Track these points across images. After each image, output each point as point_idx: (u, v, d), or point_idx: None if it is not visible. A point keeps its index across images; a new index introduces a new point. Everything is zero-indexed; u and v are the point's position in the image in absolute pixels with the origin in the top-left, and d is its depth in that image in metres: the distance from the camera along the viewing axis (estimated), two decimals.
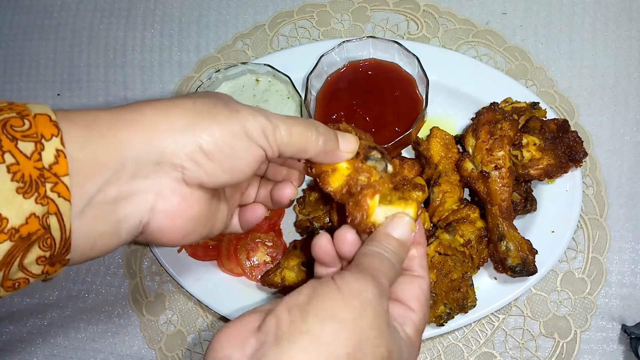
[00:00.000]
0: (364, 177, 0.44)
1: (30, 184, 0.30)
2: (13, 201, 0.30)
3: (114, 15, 0.86)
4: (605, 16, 0.76)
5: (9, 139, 0.30)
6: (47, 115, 0.32)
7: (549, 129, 0.65)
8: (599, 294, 0.67)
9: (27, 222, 0.30)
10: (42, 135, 0.31)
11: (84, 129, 0.33)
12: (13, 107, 0.32)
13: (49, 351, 0.73)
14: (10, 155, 0.30)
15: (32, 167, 0.31)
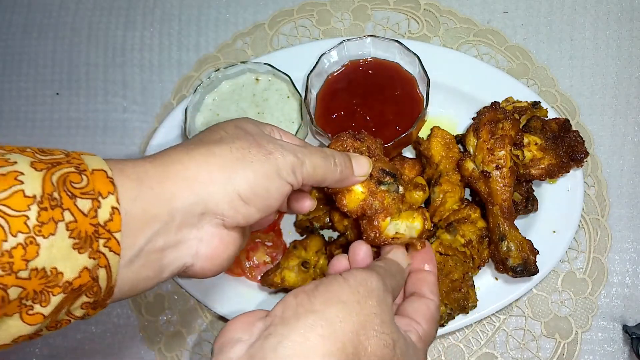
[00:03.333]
0: (378, 202, 0.48)
1: (85, 239, 0.32)
2: (69, 257, 0.31)
3: (113, 14, 0.85)
4: (607, 15, 0.76)
5: (69, 197, 0.31)
6: (103, 171, 0.34)
7: (550, 129, 0.65)
8: (600, 294, 0.67)
9: (79, 276, 0.32)
10: (99, 192, 0.33)
11: (136, 182, 0.35)
12: (71, 159, 0.33)
13: (48, 352, 0.73)
14: (70, 213, 0.31)
15: (88, 223, 0.32)
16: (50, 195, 0.31)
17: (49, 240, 0.30)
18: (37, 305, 0.31)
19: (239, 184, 0.38)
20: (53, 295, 0.31)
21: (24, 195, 0.30)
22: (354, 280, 0.38)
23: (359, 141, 0.50)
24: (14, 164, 0.31)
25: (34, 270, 0.30)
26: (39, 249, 0.30)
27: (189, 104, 0.68)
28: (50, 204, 0.31)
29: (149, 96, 0.81)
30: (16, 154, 0.32)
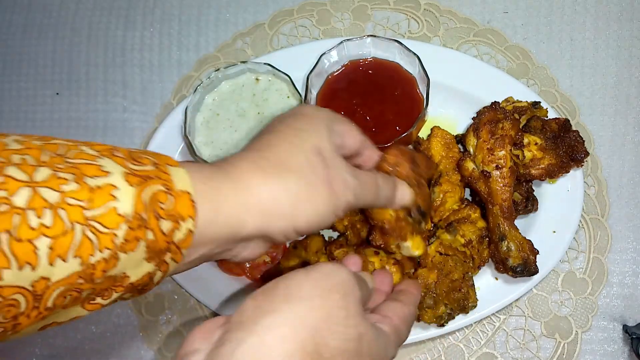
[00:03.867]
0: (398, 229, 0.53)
1: (156, 253, 0.34)
2: (139, 266, 0.34)
3: (113, 14, 0.85)
4: (607, 15, 0.76)
5: (155, 217, 0.33)
6: (188, 194, 0.35)
7: (551, 129, 0.65)
8: (601, 294, 0.67)
9: (141, 279, 0.35)
10: (180, 216, 0.34)
11: (212, 209, 0.36)
12: (160, 173, 0.34)
13: (48, 352, 0.73)
14: (152, 234, 0.33)
15: (164, 241, 0.34)
16: (140, 215, 0.32)
17: (128, 255, 0.32)
18: (99, 298, 0.34)
19: (300, 222, 0.40)
20: (115, 292, 0.34)
21: (116, 213, 0.32)
22: (317, 274, 0.36)
23: (413, 170, 0.54)
24: (108, 176, 0.32)
25: (109, 277, 0.32)
26: (117, 262, 0.32)
27: (189, 104, 0.68)
28: (138, 223, 0.32)
29: (149, 96, 0.81)
30: (108, 159, 0.33)
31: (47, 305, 0.31)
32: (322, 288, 0.35)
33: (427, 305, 0.59)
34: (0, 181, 0.29)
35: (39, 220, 0.29)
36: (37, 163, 0.31)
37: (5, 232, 0.28)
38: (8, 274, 0.28)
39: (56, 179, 0.31)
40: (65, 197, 0.30)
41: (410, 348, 0.67)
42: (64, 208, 0.30)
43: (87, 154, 0.33)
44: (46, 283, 0.30)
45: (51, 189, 0.30)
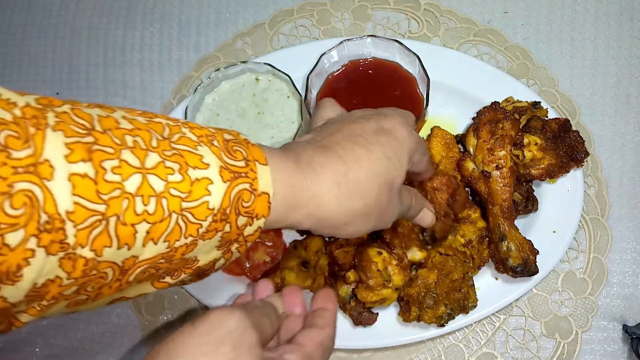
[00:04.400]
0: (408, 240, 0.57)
1: (226, 243, 0.36)
2: (209, 253, 0.36)
3: (113, 14, 0.85)
4: (607, 15, 0.76)
5: (235, 213, 0.35)
6: (267, 195, 0.37)
7: (551, 129, 0.65)
8: (601, 294, 0.67)
9: (207, 264, 0.37)
10: (256, 214, 0.36)
11: (284, 210, 0.38)
12: (248, 171, 0.36)
13: (49, 351, 0.73)
14: (229, 226, 0.35)
15: (235, 234, 0.36)
16: (225, 210, 0.35)
17: (205, 242, 0.35)
18: (168, 277, 0.36)
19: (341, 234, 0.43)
20: (184, 273, 0.36)
21: (207, 207, 0.34)
22: (203, 328, 0.34)
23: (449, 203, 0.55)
24: (207, 168, 0.34)
25: (184, 259, 0.35)
26: (195, 247, 0.34)
27: (189, 104, 0.68)
28: (221, 217, 0.35)
29: (148, 96, 0.81)
30: (207, 148, 0.35)
31: (128, 280, 0.33)
32: (210, 342, 0.33)
33: (428, 306, 0.59)
34: (116, 165, 0.31)
35: (144, 207, 0.31)
36: (147, 147, 0.33)
37: (114, 216, 0.30)
38: (107, 252, 0.31)
39: (164, 168, 0.33)
40: (170, 187, 0.32)
41: (410, 348, 0.67)
42: (167, 198, 0.32)
43: (189, 139, 0.35)
44: (134, 260, 0.32)
45: (159, 178, 0.32)
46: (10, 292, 0.28)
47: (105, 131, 0.32)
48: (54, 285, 0.30)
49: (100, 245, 0.30)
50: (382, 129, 0.45)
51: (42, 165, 0.28)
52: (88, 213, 0.29)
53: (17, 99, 0.29)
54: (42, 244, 0.28)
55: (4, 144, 0.27)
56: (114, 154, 0.31)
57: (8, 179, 0.27)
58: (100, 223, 0.30)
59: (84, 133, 0.30)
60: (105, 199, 0.30)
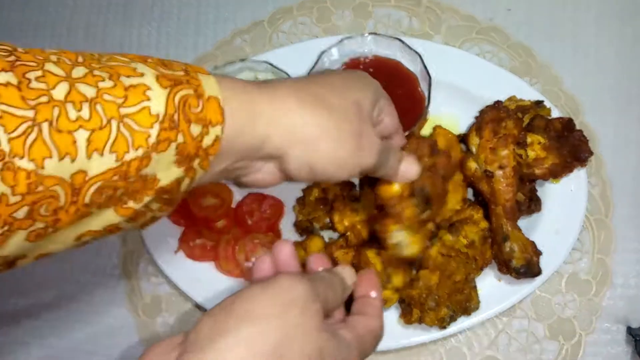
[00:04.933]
0: (400, 208, 0.51)
1: (185, 158, 0.35)
2: (168, 169, 0.35)
3: (111, 12, 0.85)
4: (610, 13, 0.76)
5: (185, 121, 0.34)
6: (217, 100, 0.35)
7: (554, 128, 0.64)
8: (604, 296, 0.66)
9: (170, 184, 0.35)
10: (210, 121, 0.35)
11: (242, 116, 0.37)
12: (190, 79, 0.35)
13: (43, 353, 0.72)
14: (182, 136, 0.34)
15: (193, 146, 0.35)
16: (171, 116, 0.33)
17: (160, 155, 0.33)
18: (131, 201, 0.35)
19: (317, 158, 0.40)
20: (147, 196, 0.35)
21: (149, 113, 0.32)
22: (273, 290, 0.36)
23: (432, 156, 0.53)
24: (142, 76, 0.33)
25: (141, 176, 0.33)
26: (150, 162, 0.33)
27: None
28: (170, 125, 0.33)
29: None
30: (140, 63, 0.34)
31: (84, 201, 0.32)
32: (279, 305, 0.35)
33: (429, 307, 0.58)
34: (39, 75, 0.30)
35: (78, 113, 0.30)
36: (73, 63, 0.32)
37: (46, 122, 0.29)
38: (49, 164, 0.29)
39: (92, 77, 0.32)
40: (102, 93, 0.31)
41: (411, 350, 0.66)
42: (101, 103, 0.31)
43: (120, 59, 0.34)
44: (84, 177, 0.31)
45: (88, 85, 0.31)
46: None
47: (28, 52, 0.31)
48: (2, 205, 0.29)
49: (39, 155, 0.29)
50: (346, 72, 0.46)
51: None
52: (17, 120, 0.28)
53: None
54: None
55: None
56: (36, 67, 0.30)
57: None
58: (32, 129, 0.29)
59: (5, 55, 0.30)
60: (33, 104, 0.29)
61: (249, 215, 0.69)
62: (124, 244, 0.74)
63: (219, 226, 0.69)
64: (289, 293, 0.36)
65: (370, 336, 0.42)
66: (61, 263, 0.75)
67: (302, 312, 0.35)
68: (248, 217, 0.69)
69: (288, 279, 0.37)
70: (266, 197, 0.69)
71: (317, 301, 0.37)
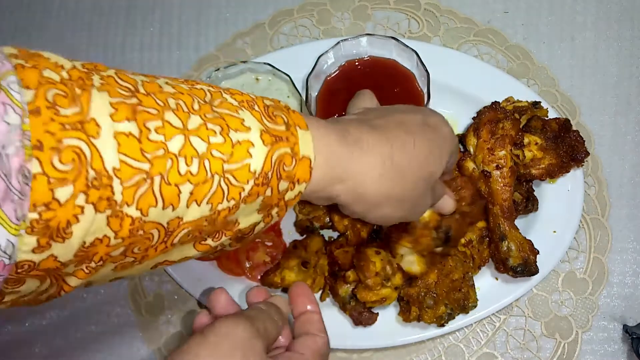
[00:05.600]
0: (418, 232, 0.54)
1: (266, 207, 0.37)
2: (250, 215, 0.37)
3: (113, 13, 0.85)
4: (607, 15, 0.76)
5: (277, 178, 0.36)
6: (308, 160, 0.37)
7: (551, 129, 0.65)
8: (601, 294, 0.67)
9: (248, 227, 0.38)
10: (297, 179, 0.37)
11: (326, 181, 0.39)
12: (289, 135, 0.37)
13: (48, 351, 0.73)
14: (270, 190, 0.36)
15: (276, 198, 0.37)
16: (266, 174, 0.35)
17: (247, 205, 0.35)
18: (209, 239, 0.36)
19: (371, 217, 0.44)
20: (225, 236, 0.37)
21: (248, 170, 0.34)
22: (215, 337, 0.36)
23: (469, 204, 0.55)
24: (248, 132, 0.35)
25: (225, 221, 0.35)
26: (237, 210, 0.35)
27: None
28: (262, 181, 0.35)
29: None
30: (248, 112, 0.36)
31: (173, 242, 0.34)
32: (221, 355, 0.36)
33: (428, 305, 0.59)
34: (159, 125, 0.31)
35: (187, 168, 0.32)
36: (189, 110, 0.33)
37: (159, 175, 0.31)
38: (153, 212, 0.31)
39: (205, 130, 0.33)
40: (212, 148, 0.33)
41: (410, 348, 0.67)
42: (209, 159, 0.33)
43: (230, 104, 0.35)
44: (178, 222, 0.33)
45: (201, 139, 0.32)
46: (60, 250, 0.29)
47: (149, 94, 0.32)
48: (102, 245, 0.30)
49: (146, 205, 0.30)
50: (427, 123, 0.46)
51: (88, 123, 0.28)
52: (133, 171, 0.30)
53: (64, 63, 0.31)
54: (91, 200, 0.28)
55: (52, 101, 0.28)
56: (157, 115, 0.31)
57: (56, 134, 0.27)
58: (145, 181, 0.30)
59: (128, 95, 0.31)
60: (150, 158, 0.30)
61: None
62: None
63: None
64: (228, 339, 0.36)
65: (319, 356, 0.42)
66: None
67: (245, 355, 0.36)
68: None
69: (225, 324, 0.37)
70: None
71: (258, 338, 0.38)
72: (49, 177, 0.27)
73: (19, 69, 0.29)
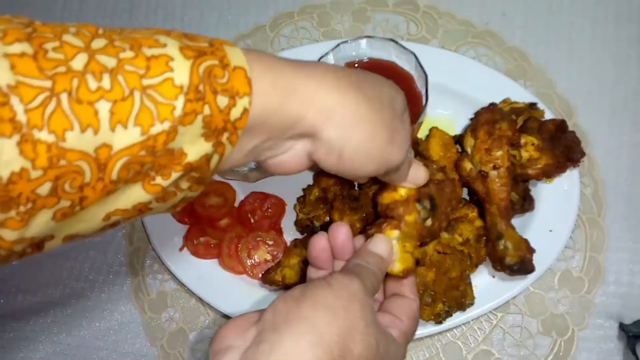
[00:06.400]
0: (401, 210, 0.49)
1: (213, 131, 0.33)
2: (196, 143, 0.33)
3: (116, 15, 0.86)
4: (605, 17, 0.77)
5: (211, 92, 0.32)
6: (243, 70, 0.34)
7: (547, 129, 0.65)
8: (597, 293, 0.68)
9: (199, 159, 0.34)
10: (237, 91, 0.33)
11: (270, 90, 0.36)
12: (214, 50, 0.33)
13: (52, 349, 0.74)
14: (208, 108, 0.32)
15: (221, 119, 0.33)
16: (196, 87, 0.32)
17: (186, 127, 0.32)
18: (159, 177, 0.33)
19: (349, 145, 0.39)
20: (174, 171, 0.33)
21: (173, 85, 0.31)
22: (337, 285, 0.39)
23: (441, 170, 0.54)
24: (164, 47, 0.32)
25: (168, 150, 0.32)
26: (176, 135, 0.32)
27: None
28: (195, 96, 0.32)
29: None
30: (163, 35, 0.33)
31: (111, 177, 0.31)
32: (343, 298, 0.38)
33: (425, 303, 0.59)
34: (57, 45, 0.29)
35: (98, 84, 0.29)
36: (93, 35, 0.31)
37: (65, 92, 0.28)
38: (71, 136, 0.28)
39: (113, 47, 0.30)
40: (123, 63, 0.30)
41: (408, 345, 0.67)
42: (122, 74, 0.30)
43: (142, 31, 0.33)
44: (109, 151, 0.30)
45: (108, 56, 0.30)
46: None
47: (46, 24, 0.30)
48: (23, 181, 0.27)
49: (60, 127, 0.28)
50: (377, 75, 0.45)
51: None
52: (34, 90, 0.27)
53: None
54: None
55: None
56: (53, 38, 0.29)
57: None
58: (50, 100, 0.27)
59: (22, 26, 0.29)
60: (50, 75, 0.28)
61: (252, 213, 0.70)
62: (130, 242, 0.75)
63: (222, 224, 0.70)
64: (348, 289, 0.39)
65: (413, 322, 0.45)
66: (69, 261, 0.76)
67: (362, 307, 0.39)
68: (250, 216, 0.70)
69: (345, 277, 0.40)
70: (268, 196, 0.71)
71: (370, 296, 0.41)
72: None
73: None
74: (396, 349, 0.42)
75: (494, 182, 0.61)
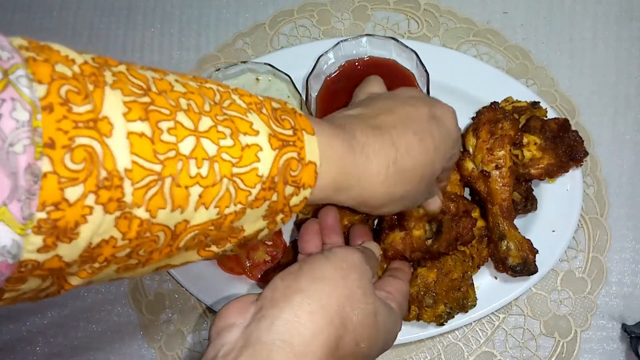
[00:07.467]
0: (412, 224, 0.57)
1: (272, 213, 0.37)
2: (255, 222, 0.37)
3: (114, 14, 0.85)
4: (606, 15, 0.76)
5: (283, 182, 0.36)
6: (314, 165, 0.37)
7: (550, 129, 0.65)
8: (600, 294, 0.67)
9: (253, 233, 0.37)
10: (303, 184, 0.37)
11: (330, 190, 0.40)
12: (296, 141, 0.37)
13: (49, 350, 0.73)
14: (276, 195, 0.36)
15: (282, 203, 0.37)
16: (273, 178, 0.35)
17: (253, 210, 0.35)
18: (214, 246, 0.37)
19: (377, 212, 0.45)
20: (230, 243, 0.37)
21: (256, 174, 0.34)
22: (335, 257, 0.41)
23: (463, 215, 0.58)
24: (257, 135, 0.35)
25: (231, 227, 0.35)
26: (243, 215, 0.35)
27: None
28: (270, 185, 0.35)
29: None
30: (256, 115, 0.36)
31: (179, 245, 0.33)
32: (342, 269, 0.40)
33: (427, 304, 0.59)
34: (172, 126, 0.31)
35: (198, 170, 0.32)
36: (200, 111, 0.33)
37: (170, 177, 0.30)
38: (161, 214, 0.31)
39: (216, 132, 0.33)
40: (222, 151, 0.33)
41: (409, 347, 0.67)
42: (218, 162, 0.33)
43: (239, 105, 0.36)
44: (186, 225, 0.33)
45: (211, 142, 0.32)
46: (66, 251, 0.28)
47: (161, 93, 0.32)
48: (108, 247, 0.30)
49: (155, 207, 0.30)
50: (434, 116, 0.46)
51: (101, 121, 0.28)
52: (145, 172, 0.29)
53: (75, 56, 0.31)
54: (101, 201, 0.28)
55: (65, 98, 0.27)
56: (169, 116, 0.31)
57: (69, 132, 0.27)
58: (156, 183, 0.30)
59: (140, 93, 0.31)
60: (162, 159, 0.30)
61: None
62: None
63: None
64: (347, 260, 0.41)
65: (405, 300, 0.48)
66: None
67: (361, 277, 0.40)
68: None
69: (344, 249, 0.42)
70: None
71: (369, 269, 0.42)
72: (60, 176, 0.26)
73: (31, 62, 0.28)
74: (394, 319, 0.43)
75: (496, 182, 0.61)
